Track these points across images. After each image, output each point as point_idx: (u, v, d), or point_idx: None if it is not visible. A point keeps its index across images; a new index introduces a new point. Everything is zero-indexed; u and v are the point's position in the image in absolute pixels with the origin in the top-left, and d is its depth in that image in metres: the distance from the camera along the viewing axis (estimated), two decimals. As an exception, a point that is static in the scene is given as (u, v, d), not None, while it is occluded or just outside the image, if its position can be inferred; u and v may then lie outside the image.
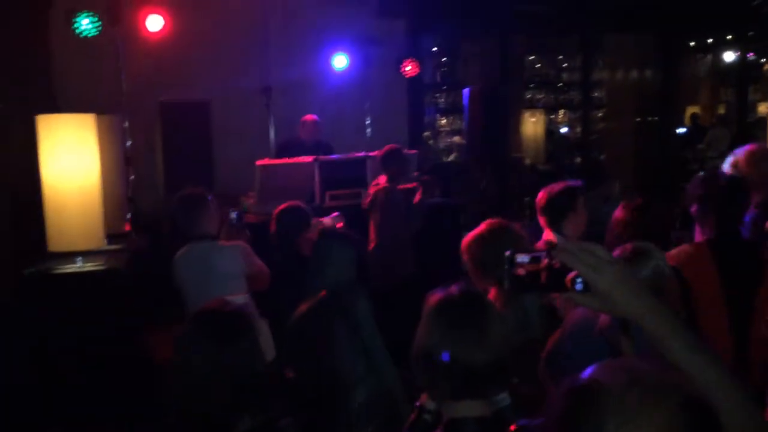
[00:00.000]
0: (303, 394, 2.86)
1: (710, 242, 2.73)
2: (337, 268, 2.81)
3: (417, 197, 5.34)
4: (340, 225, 3.94)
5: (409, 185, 5.51)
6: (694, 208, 2.89)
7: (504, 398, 1.58)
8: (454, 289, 1.63)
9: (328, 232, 2.95)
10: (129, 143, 5.73)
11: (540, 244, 3.32)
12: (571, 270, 1.18)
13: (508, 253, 1.28)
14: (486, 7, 8.13)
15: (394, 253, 5.16)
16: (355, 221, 5.32)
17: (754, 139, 8.90)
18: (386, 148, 5.45)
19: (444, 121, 11.85)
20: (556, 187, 3.41)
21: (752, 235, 2.84)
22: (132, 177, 5.76)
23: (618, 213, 3.48)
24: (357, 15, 7.71)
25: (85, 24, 5.66)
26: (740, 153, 3.41)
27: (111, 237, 5.08)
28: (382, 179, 5.38)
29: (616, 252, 2.16)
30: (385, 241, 5.15)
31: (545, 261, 1.25)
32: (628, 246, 2.24)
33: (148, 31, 6.01)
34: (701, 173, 3.15)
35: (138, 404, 3.86)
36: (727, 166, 3.50)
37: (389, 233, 5.16)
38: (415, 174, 5.39)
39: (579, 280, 1.18)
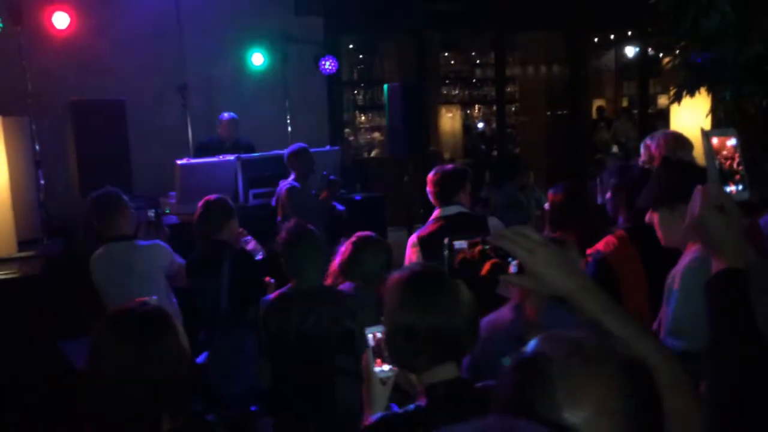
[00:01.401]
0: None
1: (629, 231, 2.94)
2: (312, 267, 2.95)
3: (323, 194, 5.39)
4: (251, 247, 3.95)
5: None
6: (608, 196, 3.10)
7: None
8: (415, 266, 1.74)
9: (300, 231, 3.07)
10: (38, 146, 5.48)
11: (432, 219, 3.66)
12: (506, 254, 1.26)
13: (446, 240, 1.35)
14: (401, 6, 8.25)
15: None
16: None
17: (654, 130, 9.46)
18: (292, 147, 5.51)
19: (363, 118, 11.95)
20: (447, 167, 3.84)
21: None
22: (42, 181, 5.52)
23: (554, 198, 3.68)
24: (274, 12, 7.65)
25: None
26: (656, 138, 3.62)
27: (23, 243, 4.86)
28: (290, 177, 5.40)
29: None
30: None
31: (478, 248, 1.33)
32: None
33: (54, 28, 5.76)
34: (614, 163, 3.35)
35: (57, 416, 3.72)
36: (642, 151, 3.72)
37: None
38: (324, 173, 5.44)
39: (514, 262, 1.27)
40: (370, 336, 1.65)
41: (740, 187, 1.36)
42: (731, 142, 1.38)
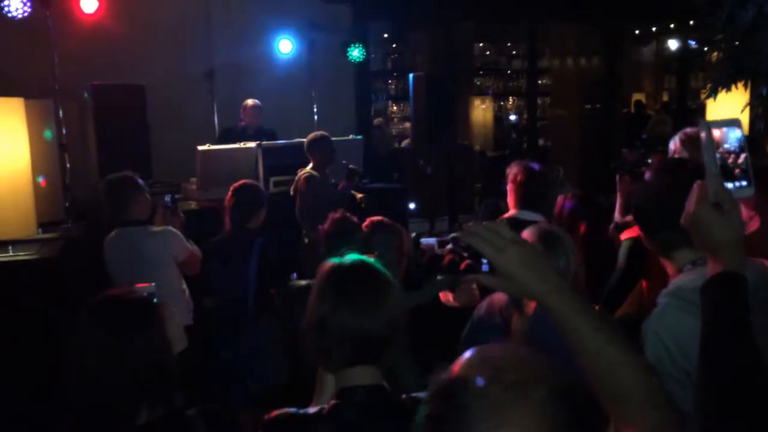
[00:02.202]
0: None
1: None
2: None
3: (341, 185, 5.33)
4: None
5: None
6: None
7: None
8: (347, 259, 1.63)
9: (345, 217, 2.99)
10: (64, 130, 5.56)
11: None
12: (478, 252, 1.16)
13: (413, 235, 1.29)
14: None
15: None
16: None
17: (691, 125, 9.16)
18: (311, 135, 5.43)
19: (395, 108, 11.88)
20: (535, 166, 3.47)
21: None
22: (68, 165, 5.60)
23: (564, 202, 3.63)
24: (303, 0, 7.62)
25: (16, 5, 5.45)
26: (679, 135, 3.56)
27: (45, 225, 4.94)
28: (309, 165, 5.35)
29: (525, 234, 2.21)
30: (309, 227, 5.11)
31: (447, 247, 1.26)
32: (543, 226, 2.29)
33: (82, 13, 5.82)
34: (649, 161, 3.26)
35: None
36: (671, 147, 3.63)
37: (310, 219, 5.13)
38: (344, 162, 5.38)
39: (485, 261, 1.17)
40: None
41: (743, 183, 1.24)
42: (735, 133, 1.26)
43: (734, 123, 1.27)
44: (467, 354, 0.92)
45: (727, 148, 1.25)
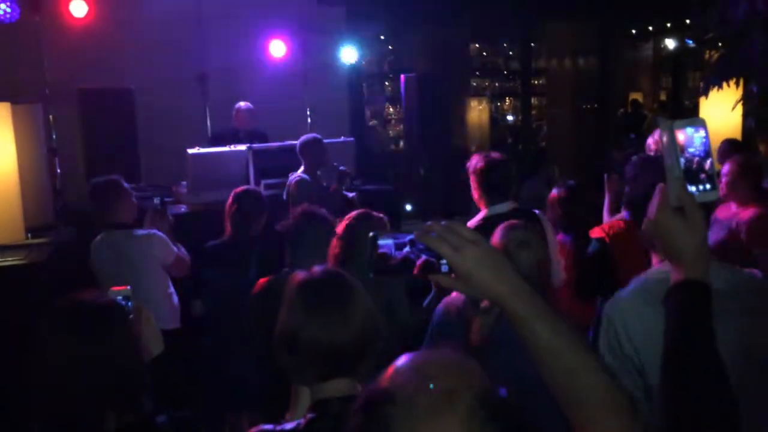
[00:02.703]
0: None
1: (635, 217, 2.84)
2: (315, 249, 2.77)
3: (333, 187, 5.30)
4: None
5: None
6: (626, 189, 3.02)
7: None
8: (315, 270, 1.60)
9: (309, 213, 2.89)
10: (54, 134, 5.55)
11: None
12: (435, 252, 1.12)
13: (371, 234, 1.25)
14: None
15: None
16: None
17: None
18: (303, 137, 5.38)
19: (392, 110, 11.86)
20: (493, 156, 3.42)
21: None
22: (59, 170, 5.59)
23: (553, 194, 3.64)
24: (296, 1, 7.60)
25: (4, 9, 5.44)
26: (655, 132, 3.54)
27: (35, 230, 4.92)
28: (300, 169, 5.32)
29: (496, 238, 2.20)
30: None
31: (406, 249, 1.22)
32: (513, 222, 2.28)
33: (71, 17, 5.80)
34: (634, 157, 3.23)
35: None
36: (650, 143, 3.62)
37: None
38: (334, 164, 5.35)
39: (443, 261, 1.14)
40: None
41: (707, 187, 1.20)
42: (700, 134, 1.21)
43: (699, 123, 1.23)
44: (398, 362, 0.90)
45: (692, 152, 1.21)
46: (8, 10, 5.27)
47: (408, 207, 7.20)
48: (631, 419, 1.06)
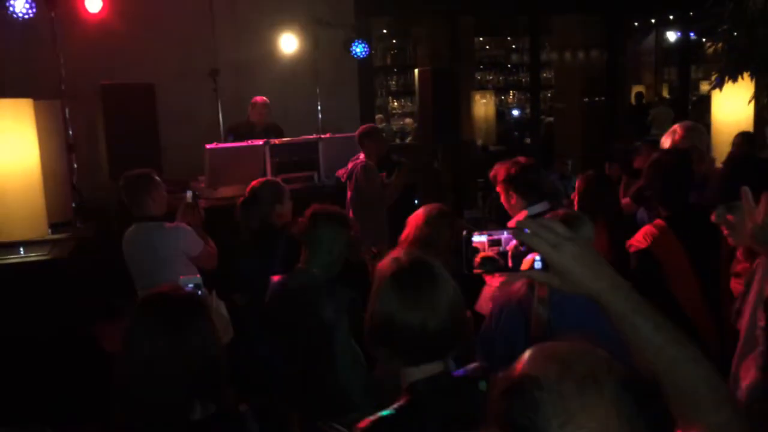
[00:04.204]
0: (278, 370, 2.86)
1: (668, 219, 2.87)
2: (331, 249, 2.83)
3: (394, 176, 5.43)
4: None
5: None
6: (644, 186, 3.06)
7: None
8: (402, 257, 1.63)
9: (322, 212, 2.91)
10: (71, 130, 5.54)
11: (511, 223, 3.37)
12: (530, 248, 1.15)
13: (464, 233, 1.27)
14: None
15: (368, 227, 5.15)
16: (309, 204, 5.33)
17: (697, 117, 9.18)
18: (362, 127, 5.61)
19: (396, 104, 11.87)
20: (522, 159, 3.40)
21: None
22: (76, 165, 5.59)
23: (580, 186, 3.63)
24: (305, -4, 7.60)
25: (20, 6, 5.43)
26: (679, 127, 3.58)
27: (55, 226, 4.93)
28: (362, 155, 5.44)
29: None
30: (360, 215, 5.15)
31: (512, 244, 1.23)
32: (560, 212, 2.31)
33: (87, 12, 5.79)
34: (654, 156, 3.25)
35: (89, 400, 3.77)
36: (667, 140, 3.64)
37: (363, 207, 5.22)
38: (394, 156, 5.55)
39: (538, 258, 1.16)
40: None
41: None
42: None
43: None
44: (528, 353, 0.93)
45: None
46: (26, 6, 5.26)
47: (416, 201, 7.22)
48: (734, 411, 1.08)
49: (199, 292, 1.86)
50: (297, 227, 2.96)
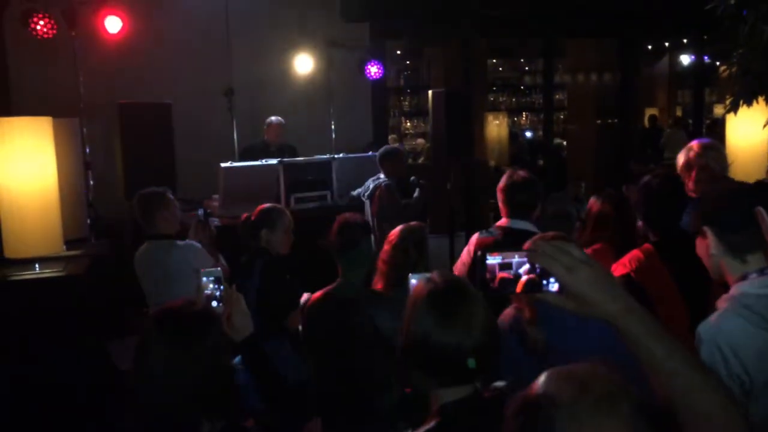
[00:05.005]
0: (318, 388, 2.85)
1: (656, 245, 2.82)
2: (366, 261, 2.84)
3: (414, 195, 5.62)
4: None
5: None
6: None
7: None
8: (435, 277, 1.64)
9: (356, 224, 2.91)
10: (88, 148, 5.62)
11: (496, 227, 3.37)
12: (544, 270, 1.15)
13: (479, 253, 1.27)
14: (449, 11, 8.18)
15: None
16: (322, 223, 5.36)
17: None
18: (383, 148, 5.83)
19: (409, 124, 11.93)
20: (520, 174, 3.42)
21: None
22: (92, 182, 5.65)
23: (596, 207, 3.58)
24: (321, 17, 7.69)
25: (42, 25, 5.54)
26: (695, 146, 3.57)
27: (70, 242, 4.96)
28: (382, 175, 5.63)
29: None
30: (380, 233, 5.23)
31: (527, 267, 1.23)
32: (549, 234, 2.29)
33: (106, 32, 5.90)
34: (644, 179, 3.22)
35: (102, 416, 3.78)
36: (682, 158, 3.63)
37: (384, 224, 5.32)
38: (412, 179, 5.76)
39: (553, 280, 1.16)
40: None
41: None
42: None
43: None
44: (545, 374, 0.94)
45: None
46: (47, 26, 5.36)
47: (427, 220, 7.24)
48: None
49: (220, 287, 1.88)
50: (329, 239, 2.93)
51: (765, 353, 1.67)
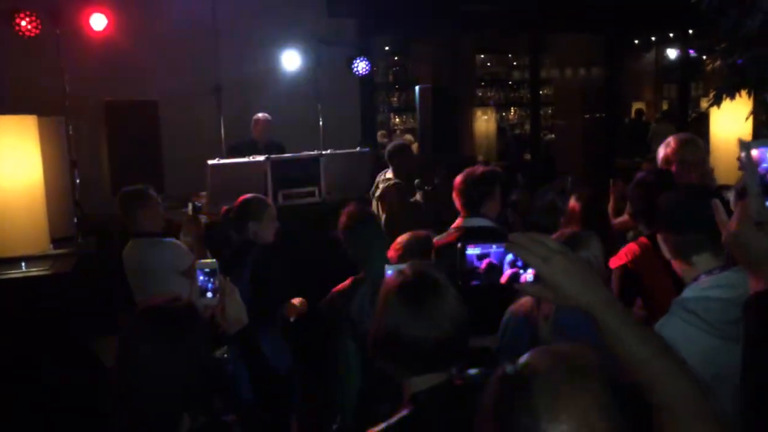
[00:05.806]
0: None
1: (651, 237, 2.87)
2: (383, 252, 2.82)
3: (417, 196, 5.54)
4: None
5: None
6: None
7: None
8: (407, 270, 1.66)
9: (370, 216, 2.92)
10: (74, 146, 5.59)
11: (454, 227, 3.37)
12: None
13: (459, 245, 1.29)
14: (435, 7, 8.20)
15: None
16: (311, 220, 5.37)
17: (696, 133, 9.21)
18: (392, 144, 5.70)
19: (398, 120, 11.94)
20: (477, 170, 3.39)
21: None
22: (78, 180, 5.63)
23: (572, 203, 3.65)
24: (308, 14, 7.68)
25: (26, 23, 5.51)
26: (669, 140, 3.63)
27: (57, 241, 4.96)
28: (390, 173, 5.50)
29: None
30: (390, 231, 5.19)
31: (488, 259, 1.26)
32: (566, 231, 2.33)
33: (91, 30, 5.87)
34: (638, 175, 3.29)
35: (88, 414, 3.77)
36: (661, 152, 3.68)
37: (394, 222, 5.23)
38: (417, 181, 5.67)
39: (530, 271, 1.19)
40: None
41: None
42: None
43: None
44: (531, 351, 0.99)
45: (765, 167, 1.28)
46: (31, 24, 5.33)
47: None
48: (718, 427, 1.09)
49: (214, 279, 1.89)
50: (342, 230, 2.92)
51: (708, 353, 1.70)
